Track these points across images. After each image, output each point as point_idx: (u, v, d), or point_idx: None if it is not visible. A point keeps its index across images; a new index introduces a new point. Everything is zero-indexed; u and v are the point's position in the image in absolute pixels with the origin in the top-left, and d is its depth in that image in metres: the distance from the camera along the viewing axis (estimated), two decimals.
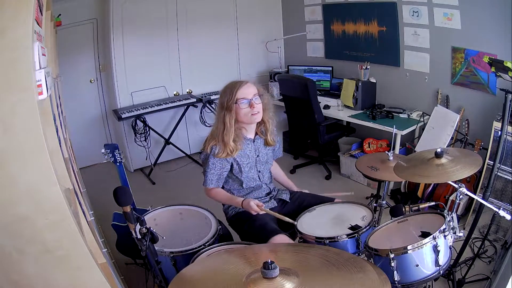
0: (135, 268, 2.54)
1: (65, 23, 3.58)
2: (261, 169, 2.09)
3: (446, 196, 2.95)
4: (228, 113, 1.86)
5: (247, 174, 2.02)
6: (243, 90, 1.85)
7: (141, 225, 1.38)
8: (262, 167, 2.09)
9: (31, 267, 1.05)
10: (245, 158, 1.98)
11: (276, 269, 1.03)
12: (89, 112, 4.38)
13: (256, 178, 2.07)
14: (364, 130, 3.86)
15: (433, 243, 1.46)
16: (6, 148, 0.92)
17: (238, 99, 1.84)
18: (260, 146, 2.05)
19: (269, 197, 2.13)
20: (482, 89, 3.08)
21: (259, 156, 2.05)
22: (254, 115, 1.87)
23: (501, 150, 2.15)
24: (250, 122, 1.92)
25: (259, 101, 1.88)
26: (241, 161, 1.97)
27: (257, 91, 1.88)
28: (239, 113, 1.86)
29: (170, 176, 4.23)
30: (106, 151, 2.35)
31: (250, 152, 2.01)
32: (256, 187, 2.08)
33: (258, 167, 2.07)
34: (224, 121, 1.87)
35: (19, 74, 0.90)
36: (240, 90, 1.85)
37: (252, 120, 1.90)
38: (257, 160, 2.05)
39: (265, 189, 2.13)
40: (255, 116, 1.88)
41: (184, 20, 4.25)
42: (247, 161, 2.00)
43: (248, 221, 1.97)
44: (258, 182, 2.08)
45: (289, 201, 2.15)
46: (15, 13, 0.88)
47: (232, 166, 1.98)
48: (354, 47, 4.13)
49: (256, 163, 2.05)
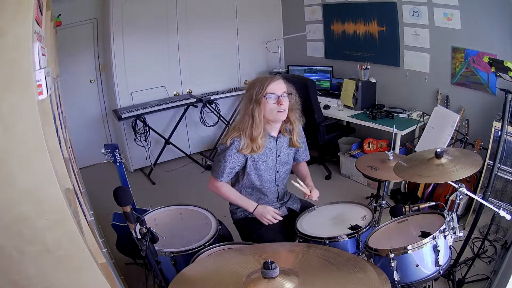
0: (135, 268, 2.54)
1: (65, 23, 3.58)
2: (279, 169, 2.00)
3: (446, 196, 2.95)
4: (257, 106, 1.79)
5: (262, 174, 1.93)
6: (273, 85, 1.79)
7: (141, 225, 1.38)
8: (281, 168, 2.00)
9: (31, 267, 1.05)
10: (263, 156, 1.89)
11: (276, 269, 1.03)
12: (89, 112, 4.38)
13: (272, 180, 1.99)
14: (364, 130, 3.86)
15: (433, 243, 1.46)
16: (6, 148, 0.92)
17: (267, 93, 1.78)
18: (283, 146, 1.96)
19: (280, 203, 2.07)
20: (482, 89, 3.08)
21: (280, 156, 1.97)
22: (280, 113, 1.80)
23: (501, 150, 2.15)
24: (274, 119, 1.84)
25: (287, 99, 1.82)
26: (258, 158, 1.88)
27: (286, 89, 1.83)
28: (265, 108, 1.80)
29: (170, 176, 4.23)
30: (106, 151, 2.35)
31: (271, 151, 1.92)
32: (268, 190, 2.00)
33: (277, 167, 1.98)
34: (253, 114, 1.79)
35: (19, 74, 0.90)
36: (270, 84, 1.79)
37: (276, 118, 1.82)
38: (278, 160, 1.96)
39: (276, 193, 2.05)
40: (281, 114, 1.81)
41: (184, 20, 4.25)
42: (265, 159, 1.91)
43: (259, 230, 1.93)
44: (273, 184, 2.00)
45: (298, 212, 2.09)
46: (15, 13, 0.88)
47: (246, 163, 1.89)
48: (354, 47, 4.13)
49: (276, 163, 1.97)
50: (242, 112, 1.87)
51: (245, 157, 1.86)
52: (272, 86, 1.79)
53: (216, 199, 2.05)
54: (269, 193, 2.02)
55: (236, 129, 1.86)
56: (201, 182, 4.01)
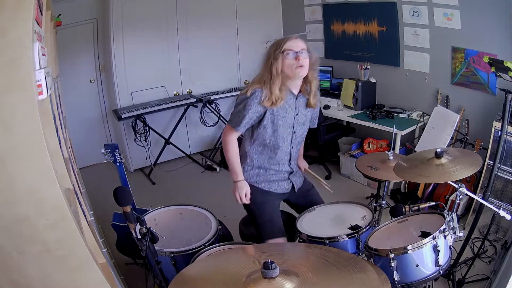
0: (135, 268, 2.54)
1: (65, 23, 3.58)
2: (296, 130, 1.97)
3: (446, 196, 2.95)
4: (275, 61, 1.80)
5: (279, 129, 1.89)
6: (291, 42, 1.80)
7: (141, 225, 1.38)
8: (298, 129, 1.97)
9: (31, 267, 1.05)
10: (282, 111, 1.87)
11: (276, 269, 1.03)
12: (89, 112, 4.38)
13: (288, 139, 1.95)
14: (364, 130, 3.86)
15: (433, 243, 1.46)
16: (6, 148, 0.92)
17: (285, 50, 1.78)
18: (301, 106, 1.94)
19: (288, 174, 2.05)
20: (482, 89, 3.08)
21: (298, 115, 1.94)
22: (298, 69, 1.78)
23: (501, 150, 2.15)
24: (293, 75, 1.81)
25: (306, 56, 1.80)
26: (277, 112, 1.85)
27: (305, 47, 1.81)
28: (284, 64, 1.79)
29: (170, 176, 4.23)
30: (106, 151, 2.35)
31: (290, 108, 1.89)
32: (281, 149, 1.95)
33: (294, 127, 1.95)
34: (271, 69, 1.81)
35: (19, 74, 0.90)
36: (288, 42, 1.80)
37: (295, 74, 1.80)
38: (295, 119, 1.94)
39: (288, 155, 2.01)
40: (299, 70, 1.78)
41: (184, 20, 4.25)
42: (284, 115, 1.88)
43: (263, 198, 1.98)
44: (287, 144, 1.96)
45: (298, 192, 2.11)
46: (15, 13, 0.88)
47: (264, 115, 1.86)
48: (354, 47, 4.13)
49: (294, 122, 1.94)
50: (261, 70, 1.88)
51: (264, 109, 1.85)
52: (290, 43, 1.80)
53: (216, 199, 2.05)
54: (281, 153, 1.97)
55: (256, 82, 1.87)
56: (201, 182, 4.02)
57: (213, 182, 3.99)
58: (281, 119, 1.88)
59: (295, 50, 1.78)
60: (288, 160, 2.02)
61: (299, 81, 1.88)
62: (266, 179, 2.01)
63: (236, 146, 1.94)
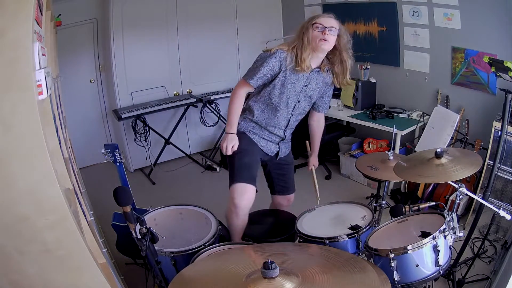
0: (135, 268, 2.54)
1: (65, 23, 3.58)
2: (301, 100, 2.07)
3: (446, 196, 2.95)
4: (306, 32, 1.91)
5: (285, 93, 2.00)
6: (323, 18, 1.93)
7: (141, 225, 1.38)
8: (303, 100, 2.07)
9: (31, 267, 1.05)
10: (295, 77, 1.97)
11: (276, 269, 1.03)
12: (89, 112, 4.38)
13: (291, 105, 2.06)
14: (364, 130, 3.86)
15: (433, 243, 1.46)
16: (6, 148, 0.92)
17: (316, 23, 1.90)
18: (313, 80, 2.03)
19: (280, 139, 2.18)
20: (482, 89, 3.08)
21: (306, 86, 2.04)
22: (322, 42, 1.87)
23: (501, 150, 2.15)
24: (316, 47, 1.90)
25: (334, 33, 1.91)
26: (289, 76, 1.97)
27: (336, 26, 1.92)
28: (311, 34, 1.89)
29: (170, 176, 4.23)
30: (106, 151, 2.35)
31: (302, 77, 1.99)
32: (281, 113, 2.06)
33: (300, 96, 2.05)
34: (303, 38, 1.91)
35: (19, 74, 0.90)
36: (321, 17, 1.93)
37: (318, 46, 1.89)
38: (303, 89, 2.03)
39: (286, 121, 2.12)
40: (322, 43, 1.87)
41: (184, 20, 4.25)
42: (295, 81, 1.99)
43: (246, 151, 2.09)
44: (289, 110, 2.07)
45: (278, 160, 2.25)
46: (15, 13, 0.88)
47: (277, 76, 1.97)
48: (354, 47, 4.06)
49: (301, 92, 2.04)
50: (293, 38, 1.98)
51: (280, 69, 1.95)
52: (322, 19, 1.92)
53: (216, 199, 2.05)
54: (281, 116, 2.08)
55: (284, 45, 1.99)
56: (201, 182, 4.02)
57: (213, 182, 3.99)
58: (290, 84, 1.98)
59: (324, 25, 1.89)
60: (285, 126, 2.14)
61: (321, 54, 1.97)
62: (259, 135, 2.14)
63: (241, 101, 2.06)
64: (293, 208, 2.32)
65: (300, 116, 2.17)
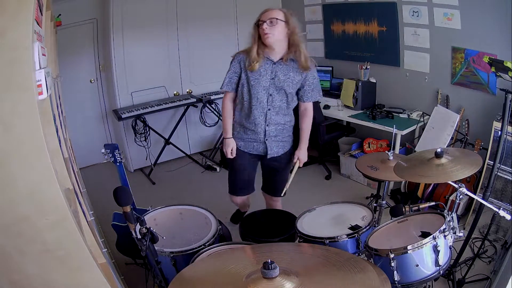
0: (135, 268, 2.54)
1: (65, 23, 3.58)
2: (273, 93, 2.16)
3: (446, 196, 2.95)
4: (254, 32, 2.11)
5: (252, 89, 2.15)
6: (263, 14, 2.09)
7: (141, 225, 1.38)
8: (275, 92, 2.16)
9: (31, 267, 1.05)
10: (257, 74, 2.13)
11: (276, 269, 1.03)
12: (89, 112, 4.38)
13: (263, 100, 2.17)
14: (364, 130, 3.86)
15: (433, 243, 1.46)
16: (6, 148, 0.92)
17: (259, 21, 2.07)
18: (280, 71, 2.12)
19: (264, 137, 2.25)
20: (482, 89, 3.08)
21: (274, 79, 2.13)
22: (265, 36, 2.04)
23: (501, 150, 2.15)
24: (264, 42, 2.07)
25: (277, 24, 2.03)
26: (251, 74, 2.13)
27: (278, 16, 2.04)
28: (259, 33, 2.08)
29: (170, 176, 4.23)
30: (106, 151, 2.35)
31: (265, 72, 2.12)
32: (256, 108, 2.17)
33: (270, 90, 2.15)
34: (252, 39, 2.12)
35: (19, 74, 0.90)
36: (261, 14, 2.10)
37: (264, 40, 2.06)
38: (271, 83, 2.14)
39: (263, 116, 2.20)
40: (265, 37, 2.04)
41: (184, 20, 4.25)
42: (258, 77, 2.13)
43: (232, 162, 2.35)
44: (263, 105, 2.17)
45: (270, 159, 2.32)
46: (15, 13, 0.88)
47: (241, 75, 2.19)
48: (354, 47, 4.13)
49: (269, 85, 2.14)
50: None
51: (241, 70, 2.19)
52: (262, 15, 2.09)
53: (216, 199, 2.06)
54: (256, 112, 2.19)
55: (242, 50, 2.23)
56: (201, 182, 4.02)
57: (213, 182, 3.99)
58: (254, 80, 2.14)
59: (263, 20, 2.05)
60: (264, 121, 2.22)
61: (275, 47, 2.09)
62: (243, 138, 2.30)
63: (227, 107, 2.29)
64: (293, 208, 2.32)
65: (280, 110, 2.21)
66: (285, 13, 2.07)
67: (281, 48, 2.10)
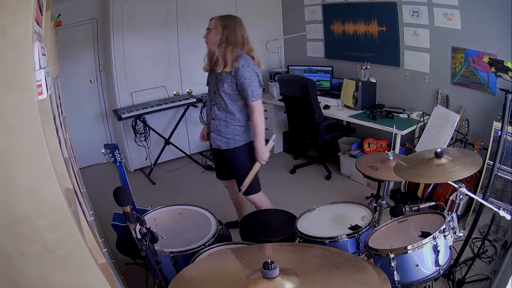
0: (135, 268, 2.54)
1: (65, 23, 3.58)
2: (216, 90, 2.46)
3: (446, 196, 2.95)
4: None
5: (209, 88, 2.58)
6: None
7: (141, 225, 1.38)
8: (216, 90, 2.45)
9: (31, 267, 1.05)
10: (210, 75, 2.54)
11: (276, 269, 1.03)
12: (89, 112, 4.38)
13: (211, 96, 2.52)
14: (364, 130, 3.86)
15: (433, 243, 1.46)
16: (6, 148, 0.92)
17: None
18: (220, 75, 2.40)
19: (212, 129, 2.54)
20: (482, 89, 3.08)
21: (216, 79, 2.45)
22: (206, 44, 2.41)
23: (501, 150, 2.15)
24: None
25: (210, 32, 2.37)
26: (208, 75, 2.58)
27: (211, 26, 2.37)
28: None
29: (170, 176, 4.23)
30: (106, 151, 2.35)
31: (213, 74, 2.47)
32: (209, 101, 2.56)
33: (215, 88, 2.47)
34: None
35: (19, 74, 0.90)
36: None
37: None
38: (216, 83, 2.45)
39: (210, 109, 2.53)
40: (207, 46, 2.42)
41: (184, 20, 4.25)
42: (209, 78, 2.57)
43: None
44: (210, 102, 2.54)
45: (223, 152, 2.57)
46: (15, 13, 0.88)
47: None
48: (354, 47, 4.13)
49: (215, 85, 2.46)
50: None
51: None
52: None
53: (216, 199, 2.06)
54: (209, 105, 2.56)
55: None
56: (201, 182, 4.02)
57: (213, 182, 3.97)
58: (209, 80, 2.56)
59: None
60: (211, 115, 2.52)
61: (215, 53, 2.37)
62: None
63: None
64: (293, 208, 2.32)
65: (222, 107, 2.44)
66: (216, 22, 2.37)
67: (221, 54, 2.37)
